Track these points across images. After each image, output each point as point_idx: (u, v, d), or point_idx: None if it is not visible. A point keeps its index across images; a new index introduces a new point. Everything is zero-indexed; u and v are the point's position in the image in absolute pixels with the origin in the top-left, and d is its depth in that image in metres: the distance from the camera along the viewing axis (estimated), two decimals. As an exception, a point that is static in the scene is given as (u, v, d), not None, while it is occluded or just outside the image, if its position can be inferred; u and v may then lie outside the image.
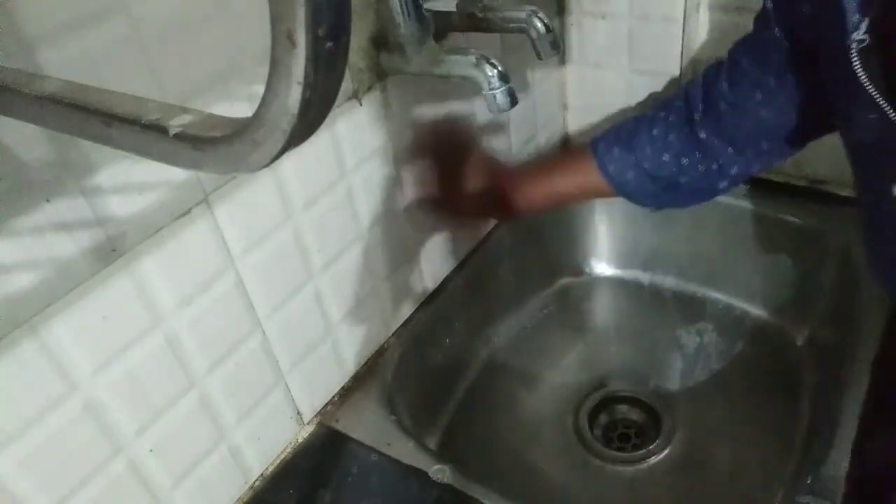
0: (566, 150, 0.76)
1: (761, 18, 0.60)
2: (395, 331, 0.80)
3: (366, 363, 0.77)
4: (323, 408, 0.72)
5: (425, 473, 0.63)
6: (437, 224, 0.82)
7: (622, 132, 0.72)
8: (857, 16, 0.45)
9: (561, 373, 0.94)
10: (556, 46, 0.65)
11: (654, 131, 0.70)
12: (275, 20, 0.20)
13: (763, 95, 0.61)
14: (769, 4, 0.58)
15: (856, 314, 0.72)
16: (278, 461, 0.68)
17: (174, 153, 0.26)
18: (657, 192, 0.71)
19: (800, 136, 0.64)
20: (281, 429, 0.68)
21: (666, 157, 0.69)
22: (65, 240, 0.45)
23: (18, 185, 0.42)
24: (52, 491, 0.48)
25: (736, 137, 0.65)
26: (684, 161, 0.68)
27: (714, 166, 0.68)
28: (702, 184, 0.70)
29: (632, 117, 0.74)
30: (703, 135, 0.67)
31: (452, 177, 0.78)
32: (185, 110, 0.26)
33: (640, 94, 0.94)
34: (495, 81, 0.58)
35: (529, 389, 0.92)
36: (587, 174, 0.73)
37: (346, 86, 0.64)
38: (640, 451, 0.84)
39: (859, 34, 0.45)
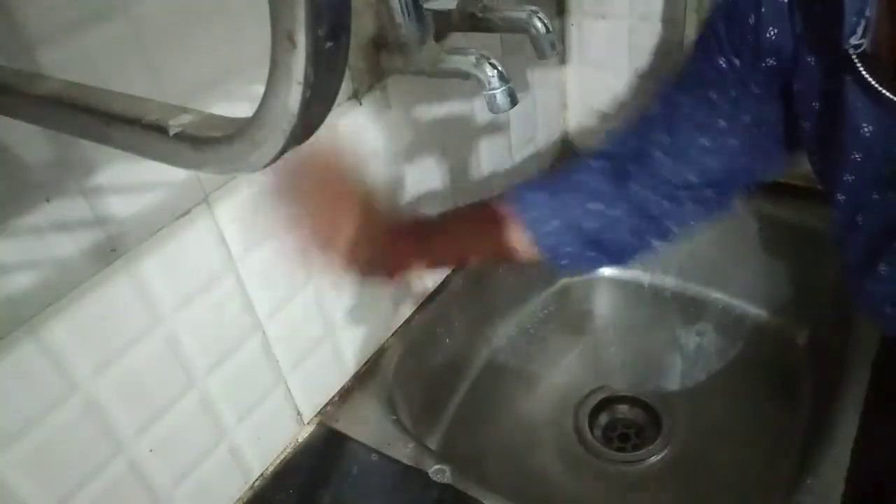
0: (477, 203, 0.66)
1: (706, 51, 0.54)
2: (395, 331, 0.80)
3: (366, 363, 0.77)
4: (323, 408, 0.72)
5: (425, 473, 0.63)
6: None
7: (544, 179, 0.65)
8: (854, 18, 0.44)
9: (561, 373, 0.94)
10: (556, 46, 0.65)
11: (582, 176, 0.63)
12: (275, 21, 0.20)
13: (710, 141, 0.56)
14: (722, 32, 0.52)
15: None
16: (278, 461, 0.68)
17: (174, 153, 0.26)
18: (578, 250, 0.63)
19: (753, 179, 0.59)
20: (281, 429, 0.68)
21: (592, 206, 0.62)
22: (65, 240, 0.45)
23: (18, 185, 0.42)
24: (52, 491, 0.48)
25: (673, 189, 0.60)
26: (613, 213, 0.62)
27: (643, 223, 0.62)
28: (630, 241, 0.64)
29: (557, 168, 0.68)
30: (634, 187, 0.61)
31: (338, 227, 0.61)
32: (185, 110, 0.26)
33: (640, 95, 0.94)
34: (495, 81, 0.58)
35: (529, 389, 0.92)
36: (499, 225, 0.63)
37: (346, 86, 0.64)
38: (640, 451, 0.84)
39: (856, 38, 0.44)
